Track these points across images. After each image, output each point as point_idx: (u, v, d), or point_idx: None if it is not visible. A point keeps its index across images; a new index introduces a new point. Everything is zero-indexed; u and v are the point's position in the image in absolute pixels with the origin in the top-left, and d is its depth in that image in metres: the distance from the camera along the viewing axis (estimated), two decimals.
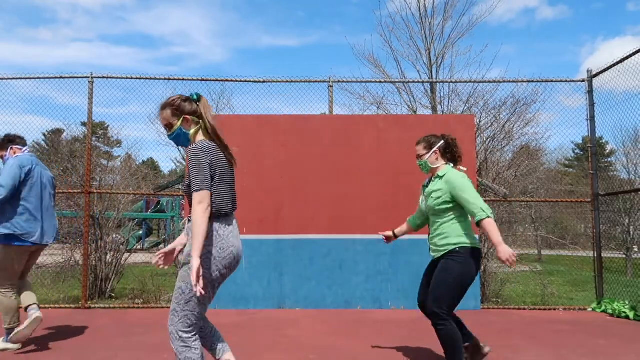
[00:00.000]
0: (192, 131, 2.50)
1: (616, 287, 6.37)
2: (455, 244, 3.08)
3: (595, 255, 6.39)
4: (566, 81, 6.63)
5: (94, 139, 6.94)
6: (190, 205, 2.36)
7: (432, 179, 3.29)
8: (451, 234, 3.11)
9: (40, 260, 8.54)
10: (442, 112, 9.09)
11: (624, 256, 11.49)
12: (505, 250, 2.86)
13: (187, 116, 2.48)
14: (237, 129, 6.25)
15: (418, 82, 9.85)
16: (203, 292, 2.23)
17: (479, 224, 2.96)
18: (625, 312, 5.62)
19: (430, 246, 3.27)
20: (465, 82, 7.85)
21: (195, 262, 2.22)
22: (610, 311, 5.83)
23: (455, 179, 3.10)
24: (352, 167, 6.20)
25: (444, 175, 3.18)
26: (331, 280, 6.06)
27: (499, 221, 7.44)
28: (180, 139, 2.52)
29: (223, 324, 5.09)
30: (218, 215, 2.41)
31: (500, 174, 7.53)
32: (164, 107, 2.49)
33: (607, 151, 24.73)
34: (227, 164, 2.51)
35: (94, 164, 7.10)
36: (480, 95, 8.11)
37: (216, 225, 2.40)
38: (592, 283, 6.87)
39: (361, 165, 6.23)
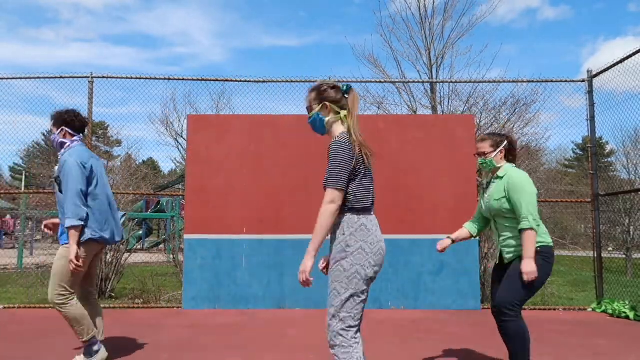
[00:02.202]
0: (327, 118, 2.43)
1: (616, 287, 6.37)
2: (535, 243, 2.97)
3: (595, 255, 6.39)
4: (566, 81, 6.63)
5: (94, 139, 6.93)
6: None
7: (492, 180, 3.23)
8: None
9: (40, 260, 8.56)
10: (442, 112, 9.08)
11: (624, 256, 11.49)
12: (531, 266, 2.87)
13: (326, 103, 2.41)
14: (237, 129, 6.25)
15: (418, 82, 9.85)
16: (308, 284, 2.26)
17: (521, 231, 2.93)
18: (625, 312, 5.62)
19: (503, 249, 3.13)
20: (465, 82, 7.84)
21: (309, 261, 2.28)
22: (610, 311, 5.83)
23: (515, 177, 3.04)
24: None
25: (504, 176, 3.12)
26: None
27: None
28: (316, 125, 2.48)
29: (223, 324, 5.09)
30: (363, 209, 2.33)
31: None
32: (311, 90, 2.49)
33: (607, 151, 24.72)
34: (365, 158, 2.37)
35: None
36: (480, 95, 8.12)
37: (363, 219, 2.33)
38: (592, 283, 6.87)
39: None
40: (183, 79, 6.61)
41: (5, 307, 6.05)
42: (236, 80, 6.70)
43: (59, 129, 3.53)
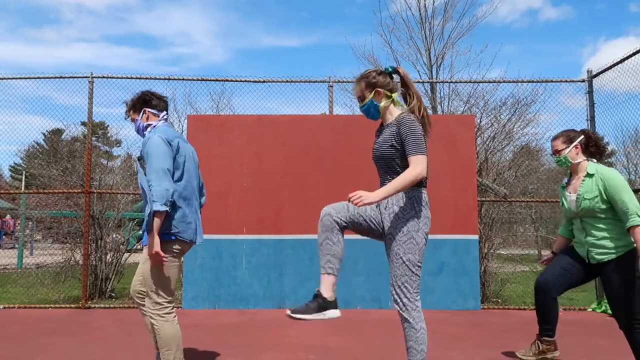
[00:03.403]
0: (382, 104, 2.55)
1: None
2: (630, 244, 2.90)
3: None
4: (566, 81, 6.63)
5: (93, 138, 6.93)
6: (384, 175, 2.52)
7: (582, 178, 3.09)
8: (621, 235, 2.93)
9: (40, 260, 8.56)
10: (442, 112, 9.08)
11: None
12: None
13: (379, 89, 2.53)
14: (237, 129, 6.25)
15: (418, 82, 9.82)
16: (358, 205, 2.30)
17: (630, 229, 2.83)
18: None
19: (593, 249, 3.04)
20: (465, 82, 7.84)
21: (377, 197, 2.28)
22: (610, 311, 5.82)
23: (610, 175, 2.94)
24: (352, 167, 6.19)
25: (594, 174, 3.02)
26: None
27: (499, 221, 7.44)
28: (371, 111, 2.59)
29: (223, 324, 5.09)
30: (425, 183, 2.48)
31: (501, 174, 7.52)
32: (359, 79, 2.58)
33: (607, 151, 24.70)
34: (427, 135, 2.53)
35: (94, 164, 7.09)
36: (480, 95, 8.09)
37: (426, 192, 2.49)
38: (592, 283, 6.87)
39: (361, 165, 6.22)
40: (183, 79, 6.60)
41: (5, 307, 6.05)
42: (236, 80, 6.70)
43: (141, 113, 3.07)
